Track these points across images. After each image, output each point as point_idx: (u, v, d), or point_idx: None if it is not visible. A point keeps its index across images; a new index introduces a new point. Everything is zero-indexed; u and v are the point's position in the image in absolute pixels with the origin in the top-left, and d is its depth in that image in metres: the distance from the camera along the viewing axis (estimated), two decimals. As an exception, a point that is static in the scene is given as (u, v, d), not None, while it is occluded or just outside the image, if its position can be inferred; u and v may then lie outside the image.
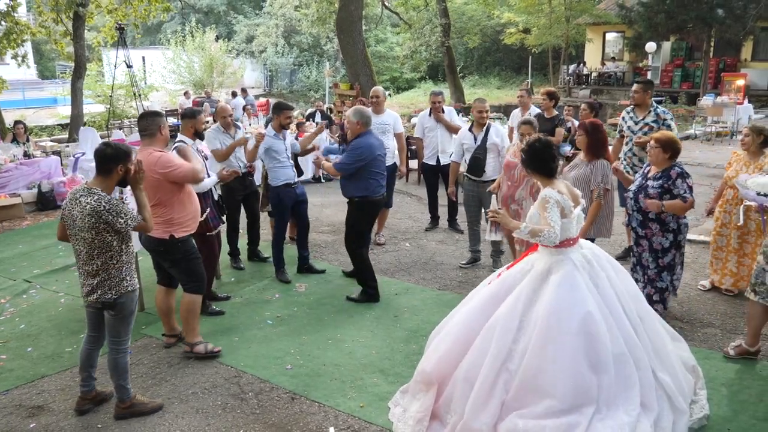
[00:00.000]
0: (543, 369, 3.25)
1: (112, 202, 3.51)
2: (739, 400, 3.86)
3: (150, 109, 16.59)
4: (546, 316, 3.31)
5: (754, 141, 5.17)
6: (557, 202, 3.48)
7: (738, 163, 5.33)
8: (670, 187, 4.53)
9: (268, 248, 7.02)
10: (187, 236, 4.40)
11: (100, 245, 3.54)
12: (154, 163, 4.13)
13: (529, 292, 3.45)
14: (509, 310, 3.43)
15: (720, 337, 4.69)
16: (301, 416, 3.80)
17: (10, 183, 9.28)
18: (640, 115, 6.03)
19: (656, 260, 4.73)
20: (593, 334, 3.26)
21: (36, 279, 6.33)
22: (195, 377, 4.27)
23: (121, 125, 16.38)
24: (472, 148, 6.15)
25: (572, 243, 3.56)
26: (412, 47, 24.60)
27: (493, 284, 3.69)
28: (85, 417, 3.83)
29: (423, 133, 7.49)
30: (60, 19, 14.37)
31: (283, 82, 35.07)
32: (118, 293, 3.60)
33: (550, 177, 3.67)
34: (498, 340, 3.36)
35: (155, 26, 36.82)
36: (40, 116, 22.78)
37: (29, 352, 4.73)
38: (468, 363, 3.44)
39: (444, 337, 3.68)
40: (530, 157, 3.70)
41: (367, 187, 5.34)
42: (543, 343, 3.28)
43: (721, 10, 17.97)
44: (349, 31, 16.03)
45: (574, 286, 3.38)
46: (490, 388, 3.31)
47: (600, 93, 23.13)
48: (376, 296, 5.48)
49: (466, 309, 3.70)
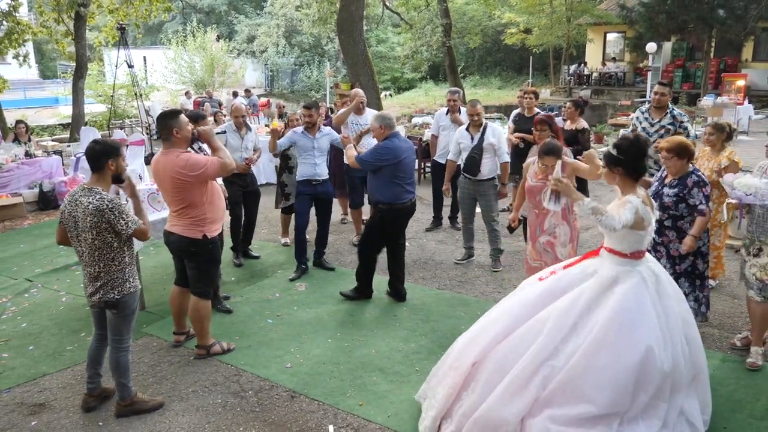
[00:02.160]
0: (590, 373, 3.16)
1: (114, 202, 3.53)
2: (736, 399, 3.88)
3: (151, 109, 16.70)
4: (607, 322, 3.20)
5: (718, 138, 5.31)
6: (637, 209, 3.29)
7: (703, 158, 5.47)
8: (685, 196, 4.38)
9: (260, 249, 7.07)
10: (217, 238, 4.40)
11: (101, 246, 3.55)
12: (182, 165, 4.07)
13: (592, 295, 3.33)
14: (566, 308, 3.32)
15: (717, 337, 4.72)
16: (300, 414, 3.82)
17: (12, 183, 9.31)
18: (657, 117, 5.94)
19: (673, 266, 4.60)
20: (651, 361, 3.17)
21: (37, 278, 6.36)
22: (195, 376, 4.29)
23: (122, 125, 16.40)
24: (469, 147, 6.19)
25: (641, 256, 3.43)
26: (413, 47, 24.67)
27: (548, 280, 3.56)
28: (87, 415, 3.85)
29: (438, 131, 7.53)
30: (61, 18, 14.43)
31: (284, 82, 35.10)
32: (120, 293, 3.62)
33: (636, 182, 3.45)
34: (547, 335, 3.27)
35: (156, 26, 36.86)
36: (42, 116, 22.82)
37: (31, 351, 4.76)
38: (504, 348, 3.35)
39: (490, 325, 3.53)
40: (626, 154, 3.41)
41: (393, 193, 5.23)
42: (597, 347, 3.18)
43: (722, 10, 17.98)
44: (350, 31, 16.04)
45: (640, 301, 3.26)
46: (526, 380, 3.23)
47: (601, 93, 23.16)
48: (367, 293, 5.54)
49: (515, 300, 3.59)
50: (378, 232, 5.41)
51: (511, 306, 3.56)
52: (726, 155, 5.21)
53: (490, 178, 6.22)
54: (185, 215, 4.23)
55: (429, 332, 4.88)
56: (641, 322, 3.22)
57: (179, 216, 4.26)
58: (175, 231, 4.28)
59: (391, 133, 5.25)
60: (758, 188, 4.08)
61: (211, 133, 4.33)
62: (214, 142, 4.30)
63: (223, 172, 4.24)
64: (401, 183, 5.25)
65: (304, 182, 6.15)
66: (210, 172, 4.15)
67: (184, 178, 4.09)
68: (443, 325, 4.99)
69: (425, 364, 4.34)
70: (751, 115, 15.33)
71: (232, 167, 4.29)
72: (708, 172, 5.28)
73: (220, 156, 4.20)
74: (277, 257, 6.77)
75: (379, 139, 5.28)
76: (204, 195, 4.24)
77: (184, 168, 4.08)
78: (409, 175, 5.34)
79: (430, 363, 4.33)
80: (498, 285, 5.87)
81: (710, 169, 5.30)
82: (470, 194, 6.31)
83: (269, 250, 7.03)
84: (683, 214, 4.43)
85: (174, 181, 4.11)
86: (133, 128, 16.00)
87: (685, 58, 22.26)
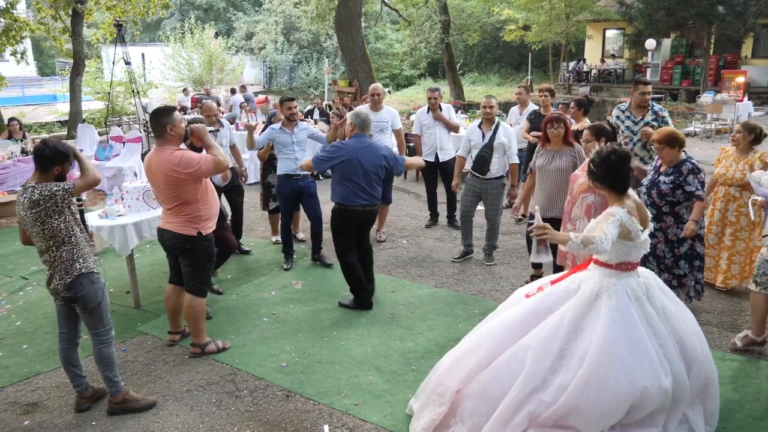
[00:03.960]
0: (580, 409, 3.06)
1: (43, 188, 3.48)
2: (735, 398, 3.85)
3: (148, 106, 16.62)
4: (596, 353, 3.07)
5: (745, 138, 5.19)
6: (621, 221, 3.19)
7: (727, 159, 5.34)
8: (681, 183, 4.56)
9: (256, 247, 7.04)
10: (212, 236, 4.37)
11: (49, 234, 3.53)
12: (176, 163, 4.04)
13: (575, 316, 3.21)
14: (550, 333, 3.20)
15: (717, 335, 4.69)
16: (295, 414, 3.79)
17: (8, 180, 9.27)
18: (639, 115, 5.97)
19: (672, 250, 4.78)
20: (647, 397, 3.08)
21: (32, 276, 6.32)
22: (190, 375, 4.26)
23: (119, 122, 16.34)
24: (479, 145, 6.12)
25: (630, 268, 3.31)
26: (411, 44, 24.56)
27: (532, 299, 3.43)
28: (79, 414, 3.82)
29: (421, 130, 7.48)
30: (59, 15, 14.34)
31: (282, 79, 35.02)
32: (71, 276, 3.57)
33: (621, 194, 3.35)
34: (533, 364, 3.15)
35: (154, 23, 36.73)
36: (40, 113, 22.74)
37: (24, 350, 4.73)
38: (488, 377, 3.26)
39: (473, 350, 3.42)
40: (603, 170, 3.33)
41: (342, 194, 5.10)
42: (586, 381, 3.06)
43: (721, 6, 17.93)
44: (348, 28, 16.00)
45: (627, 322, 3.13)
46: (512, 414, 3.13)
47: (600, 90, 23.10)
48: (365, 304, 5.28)
49: (499, 321, 3.47)
50: (336, 231, 5.27)
51: (494, 329, 3.44)
52: (758, 157, 5.09)
53: (498, 177, 6.16)
54: (179, 213, 4.20)
55: (426, 331, 4.85)
56: (633, 349, 3.10)
57: (173, 213, 4.23)
58: (170, 228, 4.24)
59: (358, 134, 5.16)
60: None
61: (204, 130, 4.29)
62: (207, 140, 4.25)
63: (217, 170, 4.20)
64: (353, 188, 5.05)
65: (285, 178, 6.17)
66: (204, 170, 4.11)
67: (177, 175, 4.05)
68: (440, 324, 4.96)
69: (422, 363, 4.32)
70: (750, 111, 15.31)
71: (226, 165, 4.27)
72: (739, 174, 5.17)
73: (213, 153, 4.17)
74: (273, 255, 6.74)
75: (348, 136, 5.23)
76: (198, 192, 4.21)
77: (178, 165, 4.04)
78: (366, 182, 5.07)
79: (427, 362, 4.31)
80: (496, 283, 5.84)
81: (741, 171, 5.15)
82: (475, 192, 6.25)
83: (265, 248, 7.00)
84: (680, 200, 4.62)
85: (167, 178, 4.08)
86: (130, 125, 15.93)
87: (685, 55, 22.21)
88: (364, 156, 5.07)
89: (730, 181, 5.25)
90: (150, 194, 5.46)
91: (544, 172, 5.32)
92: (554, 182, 5.25)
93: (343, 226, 5.21)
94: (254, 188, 9.07)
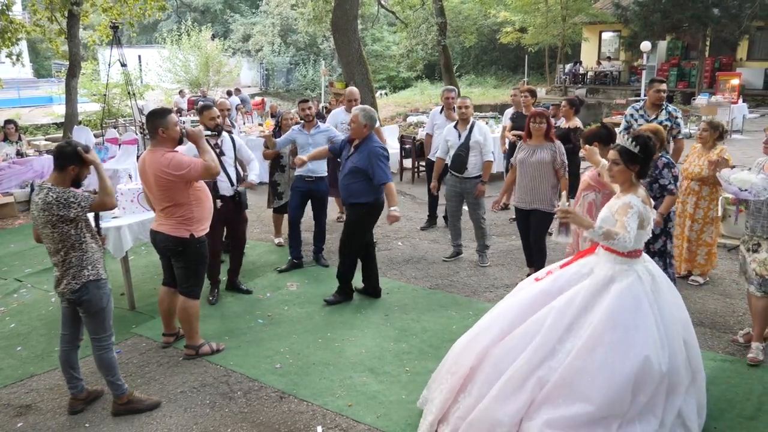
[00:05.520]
0: (586, 372, 3.11)
1: (60, 193, 3.49)
2: (727, 398, 3.86)
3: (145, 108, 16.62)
4: (603, 322, 3.16)
5: (711, 136, 5.46)
6: (639, 212, 3.32)
7: (693, 155, 5.63)
8: (657, 177, 4.75)
9: (252, 248, 7.04)
10: (204, 238, 4.37)
11: (59, 238, 3.54)
12: (166, 165, 4.06)
13: (588, 295, 3.29)
14: (562, 308, 3.29)
15: (709, 336, 4.71)
16: (289, 415, 3.80)
17: (3, 182, 9.23)
18: (653, 113, 5.96)
19: (647, 246, 4.81)
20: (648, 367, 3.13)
21: (27, 278, 6.31)
22: (184, 376, 4.26)
23: (115, 124, 16.34)
24: (456, 144, 6.19)
25: (638, 255, 3.41)
26: (408, 46, 24.66)
27: (544, 281, 3.52)
28: (73, 416, 3.82)
29: (433, 129, 7.51)
30: (54, 17, 14.33)
31: (279, 81, 35.05)
32: (79, 282, 3.58)
33: (642, 178, 3.51)
34: (544, 334, 3.23)
35: (151, 25, 36.73)
36: (36, 115, 22.74)
37: (18, 351, 4.72)
38: (501, 350, 3.32)
39: (487, 329, 3.48)
40: (646, 153, 3.43)
41: (377, 190, 5.23)
42: (593, 347, 3.13)
43: (716, 9, 18.01)
44: (344, 30, 16.00)
45: (636, 300, 3.24)
46: (522, 381, 3.19)
47: (596, 92, 23.17)
48: (350, 293, 5.50)
49: (511, 302, 3.56)
50: (364, 230, 5.43)
51: (507, 308, 3.53)
52: (717, 152, 5.28)
53: (477, 176, 6.23)
54: (172, 214, 4.21)
55: (420, 332, 4.86)
56: (638, 322, 3.18)
57: (166, 215, 4.23)
58: (162, 230, 4.25)
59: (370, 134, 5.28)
60: (754, 184, 4.15)
61: (199, 134, 4.30)
62: (201, 144, 4.27)
63: (206, 175, 4.23)
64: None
65: (299, 178, 6.23)
66: (193, 174, 4.14)
67: (167, 177, 4.08)
68: (434, 325, 4.97)
69: (416, 365, 4.33)
70: (745, 113, 15.37)
71: (217, 171, 4.28)
72: (698, 168, 5.48)
73: (205, 159, 4.19)
74: (268, 257, 6.74)
75: (359, 137, 5.22)
76: (190, 195, 4.22)
77: (168, 167, 4.06)
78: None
79: (420, 363, 4.33)
80: (490, 284, 5.85)
81: (700, 165, 5.45)
82: (457, 192, 6.33)
83: (261, 250, 7.00)
84: (656, 195, 4.74)
85: (158, 179, 4.10)
86: (126, 127, 15.93)
87: (680, 57, 22.31)
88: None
89: (690, 175, 5.56)
90: (145, 196, 5.46)
91: (525, 165, 5.46)
92: (535, 174, 5.43)
93: (372, 223, 5.42)
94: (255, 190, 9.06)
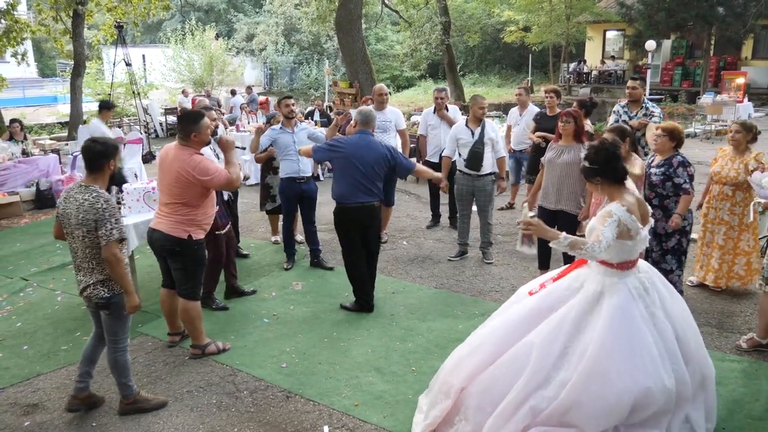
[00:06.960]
0: (581, 403, 3.04)
1: (110, 203, 3.49)
2: (734, 399, 3.85)
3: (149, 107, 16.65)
4: (597, 350, 3.06)
5: (744, 138, 5.17)
6: (620, 221, 3.14)
7: (723, 159, 5.32)
8: (671, 175, 4.80)
9: (256, 249, 7.04)
10: (202, 240, 4.38)
11: (91, 244, 3.52)
12: (192, 167, 4.11)
13: (578, 315, 3.20)
14: (553, 332, 3.20)
15: (717, 336, 4.69)
16: (295, 415, 3.80)
17: (9, 181, 9.27)
18: (634, 110, 6.69)
19: (660, 244, 4.96)
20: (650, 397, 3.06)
21: (33, 277, 6.33)
22: (190, 376, 4.27)
23: (120, 123, 16.38)
24: (470, 143, 6.16)
25: (630, 266, 3.28)
26: (412, 45, 24.57)
27: (535, 297, 3.43)
28: (80, 415, 3.82)
29: (426, 130, 7.49)
30: (59, 17, 14.37)
31: (283, 80, 35.01)
32: (110, 292, 3.59)
33: (619, 183, 3.31)
34: (537, 362, 3.14)
35: (155, 24, 36.75)
36: (40, 114, 22.76)
37: (25, 351, 4.73)
38: (492, 375, 3.26)
39: (477, 349, 3.42)
40: (599, 162, 3.28)
41: (340, 192, 5.07)
42: (588, 378, 3.04)
43: (721, 8, 17.95)
44: (348, 29, 16.01)
45: (629, 321, 3.12)
46: (514, 409, 3.13)
47: (600, 91, 23.10)
48: (367, 306, 5.24)
49: (501, 320, 3.48)
50: (337, 229, 5.24)
51: (497, 328, 3.45)
52: (753, 156, 5.08)
53: (490, 172, 6.25)
54: (175, 212, 4.20)
55: (425, 331, 4.86)
56: (633, 346, 3.08)
57: (168, 212, 4.23)
58: (160, 228, 4.24)
59: (362, 130, 5.16)
60: None
61: (231, 144, 4.42)
62: (229, 156, 4.36)
63: (227, 186, 4.34)
64: (349, 182, 5.01)
65: (289, 180, 6.13)
66: (215, 183, 4.20)
67: (189, 178, 4.11)
68: (440, 324, 4.96)
69: (422, 364, 4.32)
70: (750, 112, 15.32)
71: (237, 185, 4.37)
72: (733, 173, 5.17)
73: (229, 170, 4.26)
74: (273, 257, 6.74)
75: (349, 133, 5.25)
76: (201, 200, 4.26)
77: (194, 170, 4.11)
78: (367, 180, 5.00)
79: (427, 362, 4.32)
80: (496, 284, 5.84)
81: (735, 170, 5.16)
82: (469, 190, 6.31)
83: (266, 250, 7.00)
84: (669, 193, 4.83)
85: (178, 176, 4.12)
86: (131, 126, 15.97)
87: (685, 56, 22.21)
88: (364, 152, 5.02)
89: (724, 180, 5.24)
90: (150, 195, 5.46)
91: (552, 166, 5.38)
92: (561, 175, 5.29)
93: (343, 225, 5.17)
94: (255, 189, 9.07)
